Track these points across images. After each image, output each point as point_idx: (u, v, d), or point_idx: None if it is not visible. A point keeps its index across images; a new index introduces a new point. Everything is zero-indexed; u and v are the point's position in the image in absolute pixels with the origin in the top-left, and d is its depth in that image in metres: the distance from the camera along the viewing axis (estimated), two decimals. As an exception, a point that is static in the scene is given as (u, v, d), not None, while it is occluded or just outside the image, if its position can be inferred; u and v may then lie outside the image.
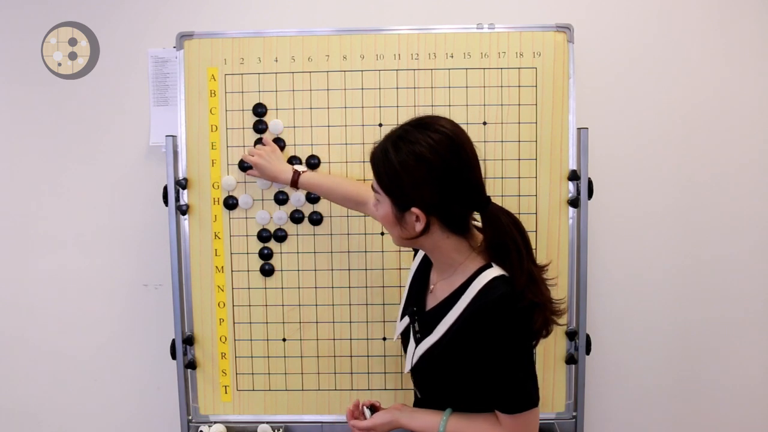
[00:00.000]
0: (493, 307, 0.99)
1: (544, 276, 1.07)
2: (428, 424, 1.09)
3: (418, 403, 1.20)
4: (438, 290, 1.12)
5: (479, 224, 1.07)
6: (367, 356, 1.52)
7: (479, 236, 1.08)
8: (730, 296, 1.70)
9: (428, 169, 0.98)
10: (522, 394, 1.02)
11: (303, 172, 1.41)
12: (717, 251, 1.69)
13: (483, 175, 1.04)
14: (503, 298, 0.99)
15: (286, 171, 1.41)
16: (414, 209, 1.01)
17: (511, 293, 1.00)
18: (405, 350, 1.18)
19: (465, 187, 1.02)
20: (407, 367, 1.15)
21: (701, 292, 1.70)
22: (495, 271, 1.03)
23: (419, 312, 1.15)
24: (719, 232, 1.68)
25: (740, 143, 1.66)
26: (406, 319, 1.19)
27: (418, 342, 1.12)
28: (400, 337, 1.22)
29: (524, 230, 1.05)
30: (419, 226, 1.02)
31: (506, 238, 1.02)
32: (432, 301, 1.13)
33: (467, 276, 1.05)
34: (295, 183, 1.41)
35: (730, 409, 1.73)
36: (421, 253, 1.22)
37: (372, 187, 1.08)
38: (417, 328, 1.14)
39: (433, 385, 1.13)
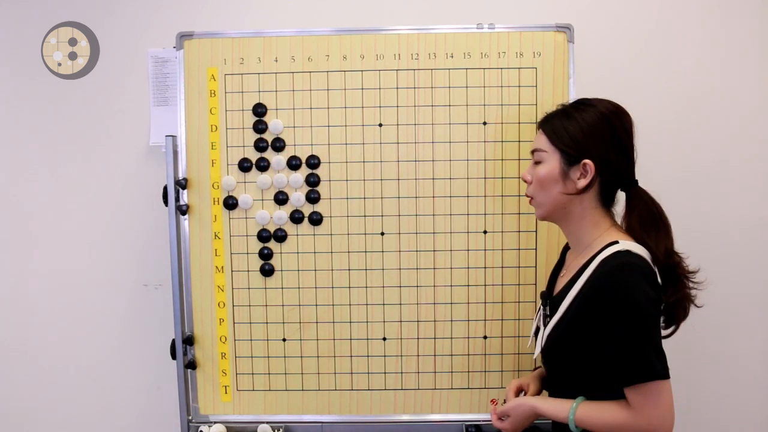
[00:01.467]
0: (611, 274, 1.01)
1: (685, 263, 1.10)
2: (560, 408, 1.08)
3: (550, 389, 1.21)
4: (569, 270, 1.15)
5: None
6: (367, 356, 1.52)
7: (614, 217, 1.13)
8: (730, 296, 1.70)
9: (608, 126, 1.08)
10: (642, 362, 0.99)
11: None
12: (717, 249, 1.69)
13: (636, 157, 1.12)
14: (623, 266, 1.01)
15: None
16: (586, 161, 1.07)
17: (634, 263, 1.01)
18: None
19: (628, 157, 1.11)
20: (537, 350, 1.17)
21: (701, 291, 1.70)
22: (624, 246, 1.04)
23: (550, 295, 1.19)
24: (719, 230, 1.68)
25: (740, 141, 1.67)
26: (539, 311, 1.21)
27: (546, 324, 1.15)
28: (533, 337, 1.22)
29: (664, 212, 1.11)
30: (583, 182, 1.07)
31: (653, 214, 1.08)
32: (562, 282, 1.16)
33: (596, 250, 1.07)
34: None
35: (731, 408, 1.73)
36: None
37: (534, 150, 1.14)
38: (548, 312, 1.16)
39: (562, 364, 1.13)
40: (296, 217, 1.49)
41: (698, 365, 1.73)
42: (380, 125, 1.48)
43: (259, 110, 1.48)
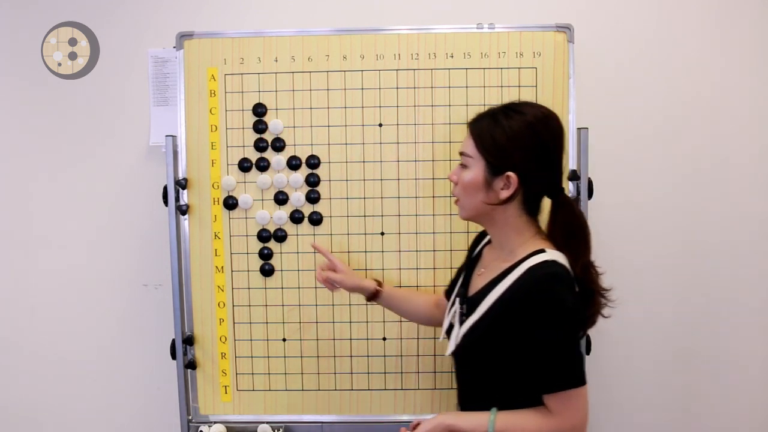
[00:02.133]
0: (542, 283, 1.01)
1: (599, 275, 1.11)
2: (477, 422, 1.07)
3: (459, 390, 1.20)
4: (489, 270, 1.13)
5: None
6: (367, 356, 1.52)
7: (539, 224, 1.13)
8: (731, 295, 1.70)
9: (534, 137, 1.05)
10: (565, 370, 1.01)
11: (379, 289, 1.37)
12: (717, 250, 1.69)
13: (565, 163, 1.11)
14: (553, 276, 1.02)
15: (369, 283, 1.37)
16: (509, 173, 1.05)
17: (562, 275, 1.02)
18: (449, 337, 1.18)
19: (556, 166, 1.09)
20: (449, 349, 1.15)
21: (701, 291, 1.70)
22: (551, 255, 1.05)
23: (465, 293, 1.17)
24: (719, 231, 1.68)
25: (740, 142, 1.67)
26: (454, 308, 1.18)
27: (462, 323, 1.13)
28: (446, 335, 1.20)
29: (587, 223, 1.10)
30: (506, 193, 1.06)
31: (574, 225, 1.08)
32: (480, 281, 1.14)
33: (523, 255, 1.07)
34: (377, 295, 1.37)
35: (731, 407, 1.73)
36: (479, 247, 1.24)
37: (461, 153, 1.12)
38: (464, 310, 1.14)
39: (476, 365, 1.12)
40: (296, 217, 1.49)
41: (699, 367, 1.73)
42: (380, 125, 1.48)
43: (259, 110, 1.48)
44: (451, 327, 1.18)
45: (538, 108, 1.09)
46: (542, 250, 1.06)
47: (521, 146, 1.05)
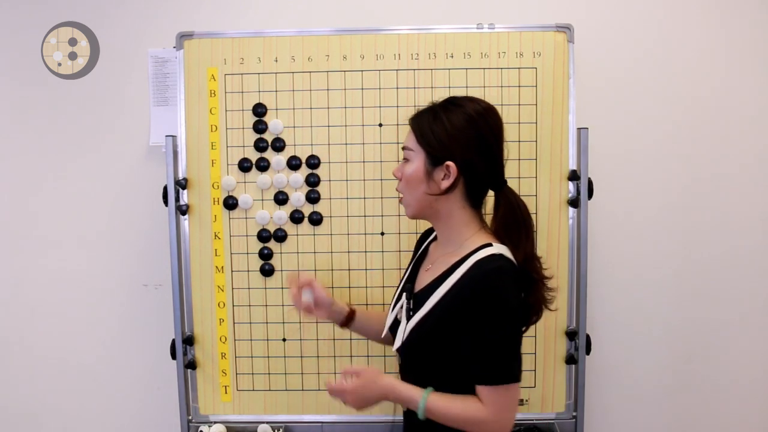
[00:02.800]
0: (488, 276, 1.03)
1: (543, 268, 1.13)
2: (413, 394, 1.08)
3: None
4: (436, 266, 1.14)
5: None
6: (367, 356, 1.52)
7: (483, 218, 1.15)
8: (730, 296, 1.70)
9: (473, 129, 1.07)
10: (504, 366, 1.03)
11: (352, 311, 1.33)
12: (717, 251, 1.69)
13: (506, 159, 1.13)
14: (500, 270, 1.03)
15: (342, 310, 1.32)
16: (448, 162, 1.07)
17: (508, 268, 1.04)
18: (393, 334, 1.19)
19: (496, 159, 1.10)
20: (396, 345, 1.15)
21: (701, 291, 1.70)
22: (497, 249, 1.06)
23: (412, 289, 1.18)
24: (719, 231, 1.68)
25: (740, 142, 1.66)
26: (399, 303, 1.19)
27: (408, 318, 1.13)
28: (388, 332, 1.21)
29: (530, 215, 1.12)
30: (446, 183, 1.08)
31: (516, 217, 1.10)
32: (428, 277, 1.15)
33: (470, 250, 1.08)
34: (351, 317, 1.32)
35: (731, 409, 1.73)
36: (425, 244, 1.25)
37: (403, 148, 1.14)
38: (411, 306, 1.15)
39: (421, 362, 1.13)
40: (296, 217, 1.49)
41: (698, 368, 1.73)
42: (380, 125, 1.48)
43: (259, 110, 1.48)
44: (396, 323, 1.19)
45: (478, 102, 1.11)
46: (489, 244, 1.07)
47: (461, 137, 1.07)
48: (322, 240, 1.50)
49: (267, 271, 1.50)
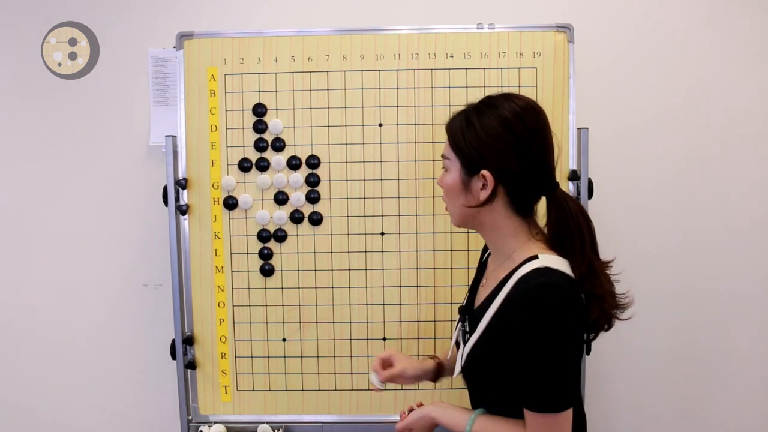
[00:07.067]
0: (530, 296, 0.93)
1: (608, 272, 1.03)
2: (457, 420, 1.04)
3: (474, 407, 1.14)
4: (489, 281, 1.07)
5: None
6: (367, 356, 1.52)
7: (539, 227, 1.06)
8: (731, 295, 1.70)
9: (508, 133, 0.97)
10: (551, 391, 0.93)
11: (438, 364, 1.27)
12: (717, 251, 1.69)
13: (556, 158, 1.03)
14: (542, 287, 0.93)
15: (428, 367, 1.26)
16: (483, 172, 0.98)
17: (553, 283, 0.93)
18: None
19: (538, 162, 1.00)
20: (456, 372, 1.09)
21: (702, 290, 1.70)
22: (544, 261, 0.96)
23: (469, 309, 1.11)
24: (720, 231, 1.68)
25: (741, 142, 1.66)
26: (458, 327, 1.14)
27: (466, 342, 1.07)
28: (455, 347, 1.15)
29: (590, 220, 1.02)
30: (485, 194, 0.99)
31: (572, 224, 0.99)
32: (483, 294, 1.07)
33: (516, 264, 0.99)
34: (441, 368, 1.27)
35: (731, 408, 1.73)
36: (486, 255, 1.18)
37: (442, 156, 1.06)
38: (467, 328, 1.08)
39: (481, 385, 1.07)
40: (296, 217, 1.49)
41: (699, 366, 1.73)
42: (380, 125, 1.48)
43: (259, 110, 1.48)
44: (458, 344, 1.13)
45: (516, 101, 1.01)
46: (535, 257, 0.97)
47: (495, 142, 0.98)
48: (322, 240, 1.50)
49: (267, 271, 1.50)
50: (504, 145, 0.98)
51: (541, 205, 1.04)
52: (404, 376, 1.21)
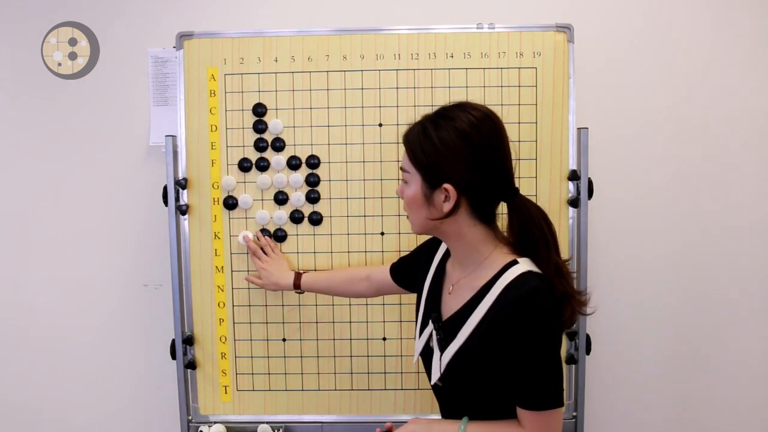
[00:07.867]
0: (525, 300, 0.95)
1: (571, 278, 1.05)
2: (446, 430, 1.04)
3: (445, 416, 1.14)
4: (461, 289, 1.07)
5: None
6: (367, 356, 1.52)
7: (501, 233, 1.07)
8: (731, 296, 1.70)
9: (466, 145, 0.98)
10: (549, 391, 0.97)
11: (302, 272, 1.45)
12: (718, 251, 1.69)
13: (513, 165, 1.03)
14: (535, 291, 0.96)
15: (288, 276, 1.44)
16: (446, 185, 0.99)
17: (542, 287, 0.96)
18: (426, 362, 1.13)
19: (498, 170, 1.01)
20: (433, 378, 1.08)
21: (701, 291, 1.70)
22: (524, 266, 0.99)
23: (440, 317, 1.10)
24: (720, 231, 1.68)
25: (741, 143, 1.66)
26: (428, 330, 1.12)
27: (442, 349, 1.06)
28: (420, 357, 1.14)
29: (551, 223, 1.03)
30: (447, 206, 1.00)
31: (534, 229, 1.00)
32: (454, 303, 1.07)
33: (495, 271, 1.00)
34: (297, 285, 1.44)
35: (731, 408, 1.73)
36: (437, 257, 1.17)
37: (401, 168, 1.06)
38: (441, 335, 1.07)
39: (462, 393, 1.07)
40: (296, 217, 1.49)
41: (699, 366, 1.73)
42: (380, 125, 1.48)
43: (259, 110, 1.48)
44: (428, 350, 1.11)
45: (472, 111, 1.00)
46: (515, 262, 1.00)
47: (453, 155, 0.98)
48: (322, 240, 1.50)
49: (267, 271, 1.50)
50: (464, 158, 0.98)
51: (501, 207, 1.05)
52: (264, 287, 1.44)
